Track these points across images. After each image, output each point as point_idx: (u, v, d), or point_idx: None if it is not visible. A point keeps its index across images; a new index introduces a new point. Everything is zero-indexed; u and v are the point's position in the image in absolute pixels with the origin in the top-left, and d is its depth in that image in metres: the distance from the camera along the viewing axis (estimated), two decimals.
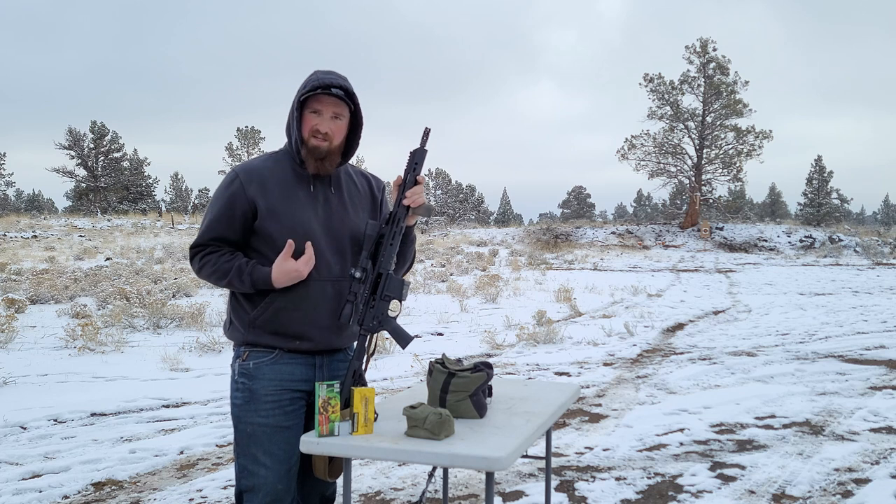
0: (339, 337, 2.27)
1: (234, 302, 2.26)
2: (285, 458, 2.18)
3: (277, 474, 2.16)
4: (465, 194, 70.91)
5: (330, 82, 2.15)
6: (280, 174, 2.22)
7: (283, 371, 2.20)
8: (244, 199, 2.17)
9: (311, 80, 2.17)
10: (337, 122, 2.20)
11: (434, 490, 3.69)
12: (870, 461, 4.32)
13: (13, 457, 4.45)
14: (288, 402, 2.20)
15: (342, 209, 2.29)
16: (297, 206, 2.20)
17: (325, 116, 2.18)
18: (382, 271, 2.18)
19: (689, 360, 7.74)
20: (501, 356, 8.06)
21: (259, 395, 2.17)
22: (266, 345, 2.20)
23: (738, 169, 40.87)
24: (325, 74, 2.18)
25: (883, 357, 7.81)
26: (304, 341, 2.20)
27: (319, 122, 2.18)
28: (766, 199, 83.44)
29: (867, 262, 27.34)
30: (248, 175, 2.19)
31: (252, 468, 2.17)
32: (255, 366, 2.19)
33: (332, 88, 2.15)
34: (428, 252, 27.72)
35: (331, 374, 2.27)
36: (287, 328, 2.18)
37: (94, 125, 56.50)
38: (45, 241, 29.34)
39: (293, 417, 2.21)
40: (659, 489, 3.90)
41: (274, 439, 2.17)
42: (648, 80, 41.51)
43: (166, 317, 10.19)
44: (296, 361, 2.22)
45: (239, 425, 2.20)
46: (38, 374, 6.91)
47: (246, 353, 2.21)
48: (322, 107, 2.17)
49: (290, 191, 2.21)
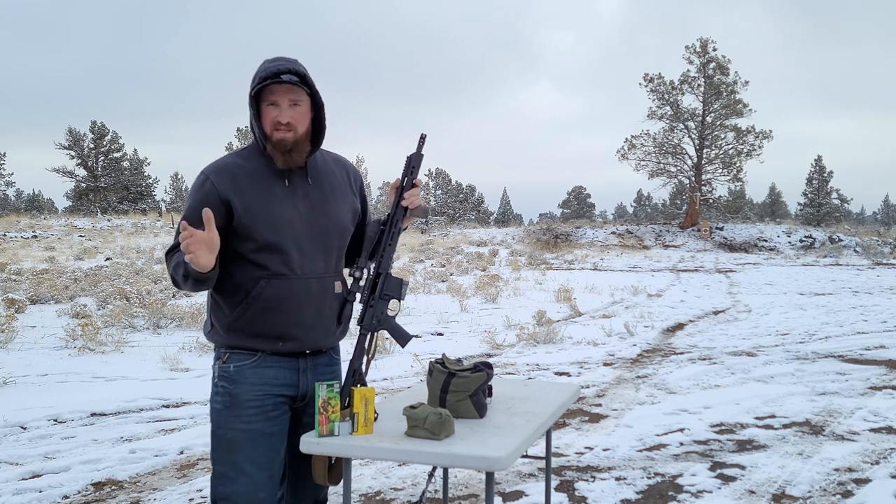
0: (325, 336, 2.20)
1: (213, 303, 2.17)
2: (267, 464, 2.09)
3: (258, 482, 2.07)
4: (465, 194, 70.88)
5: (278, 69, 2.03)
6: (252, 171, 2.12)
7: (267, 375, 2.12)
8: (217, 200, 2.05)
9: (259, 71, 2.05)
10: (297, 108, 2.07)
11: (434, 490, 3.69)
12: (870, 461, 4.32)
13: (13, 457, 4.45)
14: (271, 407, 2.11)
15: (324, 202, 2.19)
16: (275, 203, 2.10)
17: (283, 106, 2.05)
18: (382, 271, 2.16)
19: (689, 360, 7.74)
20: (501, 356, 8.06)
21: (241, 401, 2.09)
22: (248, 347, 2.11)
23: (738, 169, 40.87)
24: (273, 62, 2.06)
25: (883, 357, 7.81)
26: (287, 342, 2.12)
27: (278, 112, 2.05)
28: (766, 199, 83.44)
29: (867, 262, 27.34)
30: (218, 174, 2.09)
31: (232, 475, 2.07)
32: (237, 369, 2.11)
33: (283, 75, 2.02)
34: (428, 252, 27.71)
35: (315, 378, 2.18)
36: (269, 329, 2.10)
37: (94, 125, 56.48)
38: (45, 241, 29.34)
39: (277, 423, 2.12)
40: (659, 489, 3.90)
41: (256, 446, 2.08)
42: (648, 80, 41.51)
43: (166, 317, 10.19)
44: (279, 365, 2.14)
45: (218, 430, 2.11)
46: (38, 374, 6.91)
47: (227, 355, 2.13)
48: (277, 97, 2.05)
49: (265, 188, 2.11)
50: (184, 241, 1.88)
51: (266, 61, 2.08)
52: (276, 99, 2.05)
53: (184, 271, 1.96)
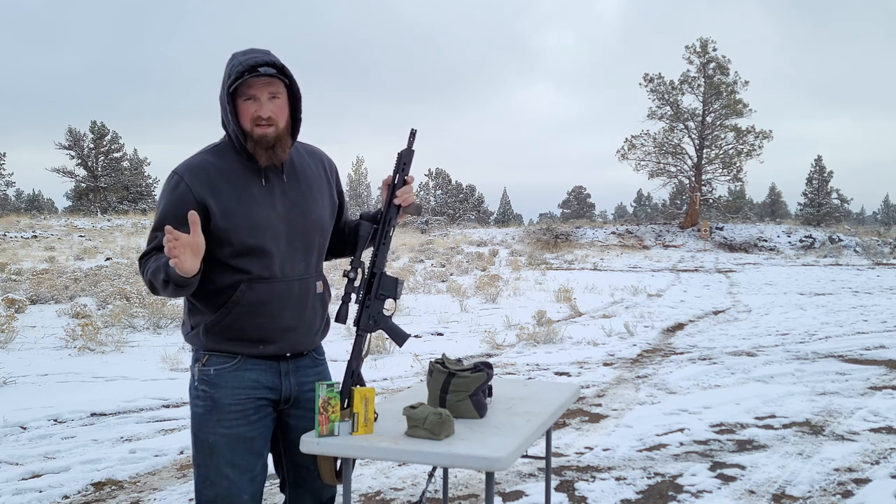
0: (307, 338, 2.16)
1: (191, 305, 2.10)
2: (249, 467, 2.07)
3: (240, 485, 2.05)
4: (465, 194, 70.88)
5: (255, 62, 1.93)
6: (228, 170, 2.02)
7: (247, 378, 2.07)
8: (193, 203, 1.96)
9: (234, 65, 1.94)
10: (276, 101, 1.99)
11: (434, 490, 3.69)
12: (870, 461, 4.32)
13: (13, 457, 4.45)
14: (252, 411, 2.07)
15: (302, 200, 2.12)
16: (253, 203, 2.02)
17: (263, 100, 1.96)
18: (376, 271, 2.14)
19: (689, 360, 7.74)
20: (501, 356, 8.06)
21: (222, 405, 2.04)
22: (227, 350, 2.06)
23: (738, 169, 40.88)
24: (246, 55, 1.96)
25: (883, 357, 7.81)
26: (268, 345, 2.08)
27: (258, 107, 1.96)
28: (766, 199, 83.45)
29: (867, 262, 27.34)
30: (192, 175, 1.99)
31: (213, 478, 2.05)
32: (217, 372, 2.05)
33: (260, 68, 1.93)
34: (428, 252, 27.71)
35: (298, 381, 2.16)
36: (250, 334, 2.05)
37: (94, 125, 56.48)
38: (45, 241, 29.33)
39: (258, 427, 2.09)
40: (659, 489, 3.90)
41: (237, 450, 2.05)
42: (648, 80, 41.51)
43: (166, 317, 10.18)
44: (260, 367, 2.09)
45: (199, 434, 2.07)
46: (38, 374, 6.91)
47: (206, 357, 2.07)
48: (255, 91, 1.96)
49: (242, 187, 2.02)
50: (168, 244, 1.80)
51: (237, 54, 1.98)
52: (254, 93, 1.96)
53: (164, 276, 1.87)
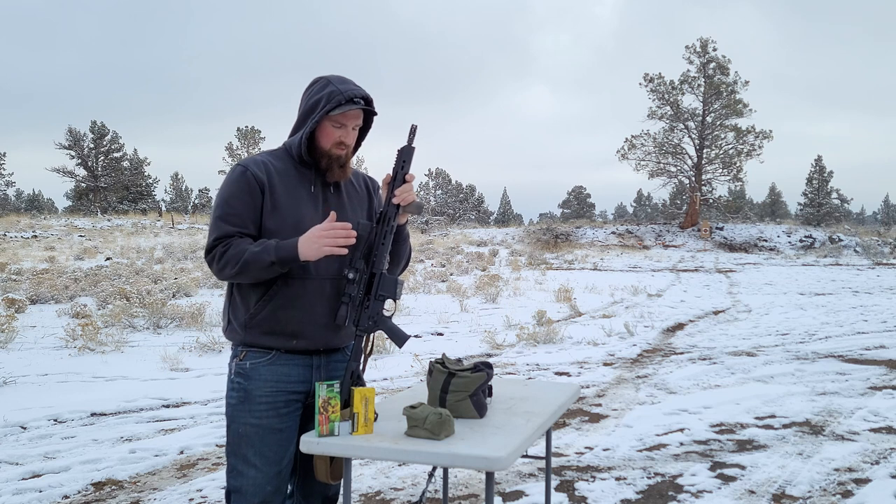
0: (337, 336, 2.24)
1: (231, 302, 2.23)
2: (276, 459, 2.16)
3: (266, 476, 2.15)
4: (465, 194, 70.91)
5: (353, 94, 2.14)
6: (283, 171, 2.20)
7: (280, 372, 2.18)
8: (258, 189, 2.13)
9: (334, 94, 2.13)
10: (356, 130, 2.23)
11: (434, 490, 3.69)
12: (870, 461, 4.32)
13: (13, 457, 4.45)
14: (283, 404, 2.17)
15: (341, 208, 2.26)
16: (301, 203, 2.19)
17: (349, 128, 2.19)
18: (376, 271, 2.16)
19: (689, 360, 7.74)
20: (501, 356, 8.06)
21: (254, 396, 2.15)
22: (263, 346, 2.17)
23: (738, 169, 40.88)
24: (345, 85, 2.16)
25: (883, 357, 7.81)
26: (301, 340, 2.17)
27: (344, 134, 2.18)
28: (766, 199, 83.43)
29: (867, 262, 27.34)
30: (257, 167, 2.16)
31: (241, 468, 2.16)
32: (252, 366, 2.17)
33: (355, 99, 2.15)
34: (428, 252, 27.72)
35: (328, 375, 2.25)
36: (284, 327, 2.15)
37: (94, 125, 56.50)
38: (45, 241, 29.33)
39: (287, 420, 2.19)
40: (659, 489, 3.90)
41: (266, 441, 2.15)
42: (648, 79, 41.52)
43: (166, 317, 10.19)
44: (293, 362, 2.19)
45: (232, 424, 2.19)
46: (38, 374, 6.91)
47: (244, 353, 2.19)
48: (347, 120, 2.17)
49: (293, 188, 2.19)
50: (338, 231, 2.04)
51: (334, 81, 2.16)
52: (345, 122, 2.17)
53: (275, 257, 2.03)
